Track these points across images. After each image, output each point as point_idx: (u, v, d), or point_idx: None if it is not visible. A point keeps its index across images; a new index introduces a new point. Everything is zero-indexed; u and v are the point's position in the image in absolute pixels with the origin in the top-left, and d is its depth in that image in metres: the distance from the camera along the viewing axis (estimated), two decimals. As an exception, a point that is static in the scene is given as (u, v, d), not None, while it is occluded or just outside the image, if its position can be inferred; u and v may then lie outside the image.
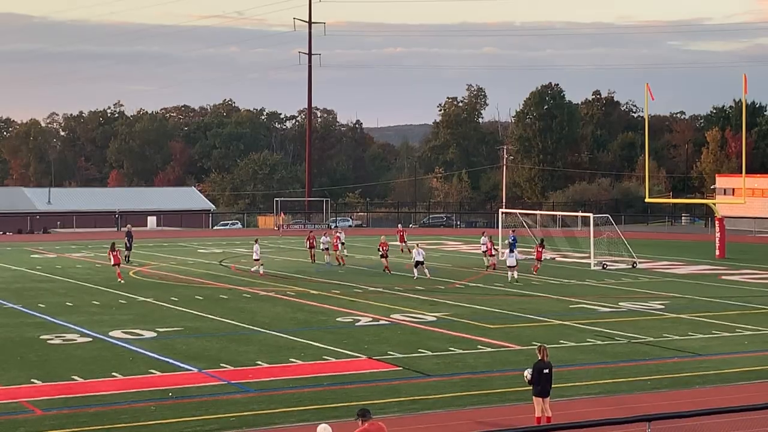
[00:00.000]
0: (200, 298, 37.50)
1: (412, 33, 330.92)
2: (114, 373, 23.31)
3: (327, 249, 51.42)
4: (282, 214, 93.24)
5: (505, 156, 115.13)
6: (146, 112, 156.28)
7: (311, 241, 52.81)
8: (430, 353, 26.12)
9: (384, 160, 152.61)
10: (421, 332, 29.67)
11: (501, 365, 24.69)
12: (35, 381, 22.49)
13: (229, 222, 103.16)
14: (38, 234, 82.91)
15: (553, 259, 54.68)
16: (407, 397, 21.13)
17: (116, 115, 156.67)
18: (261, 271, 45.54)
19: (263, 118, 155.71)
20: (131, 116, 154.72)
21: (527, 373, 18.16)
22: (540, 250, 47.15)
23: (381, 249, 47.45)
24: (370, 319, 32.20)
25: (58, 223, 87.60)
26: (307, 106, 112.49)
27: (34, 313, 33.24)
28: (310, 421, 18.45)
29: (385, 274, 45.78)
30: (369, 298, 37.51)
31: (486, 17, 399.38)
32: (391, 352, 26.11)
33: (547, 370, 18.14)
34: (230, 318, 32.24)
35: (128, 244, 51.85)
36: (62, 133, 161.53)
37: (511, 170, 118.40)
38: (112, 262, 43.34)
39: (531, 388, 18.19)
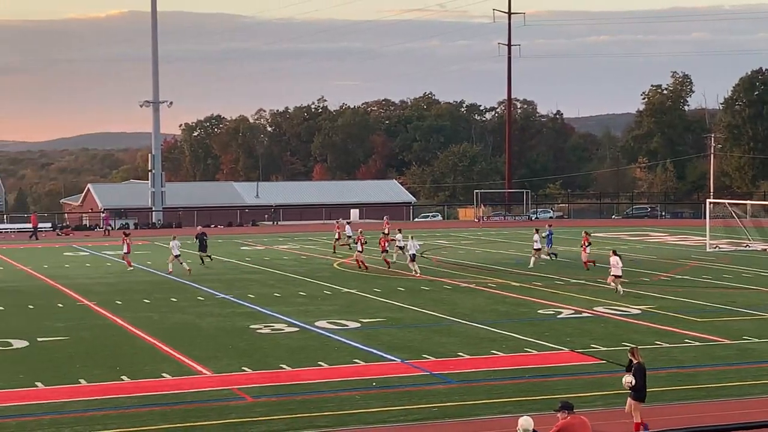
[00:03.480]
0: (402, 289, 37.94)
1: (618, 20, 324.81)
2: (320, 362, 23.89)
3: (401, 248, 47.28)
4: (482, 206, 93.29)
5: (713, 144, 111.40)
6: (348, 106, 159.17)
7: (339, 233, 55.76)
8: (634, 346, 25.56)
9: (585, 151, 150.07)
10: (625, 325, 29.12)
11: (709, 360, 23.95)
12: (246, 369, 23.29)
13: (430, 214, 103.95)
14: (247, 227, 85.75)
15: (747, 246, 53.47)
16: (611, 390, 20.76)
17: (320, 110, 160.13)
18: (170, 268, 43.69)
19: (463, 110, 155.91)
20: (334, 111, 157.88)
21: (631, 379, 17.11)
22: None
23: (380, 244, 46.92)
24: (572, 311, 31.82)
25: (266, 216, 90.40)
26: (506, 98, 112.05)
27: (245, 304, 34.41)
28: (512, 413, 18.40)
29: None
30: (571, 290, 37.06)
31: (695, 2, 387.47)
32: (594, 345, 25.74)
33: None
34: (431, 309, 32.49)
35: (201, 246, 47.85)
36: (269, 129, 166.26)
37: (719, 159, 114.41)
38: (125, 250, 45.76)
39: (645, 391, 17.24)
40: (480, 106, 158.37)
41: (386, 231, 54.47)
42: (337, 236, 55.72)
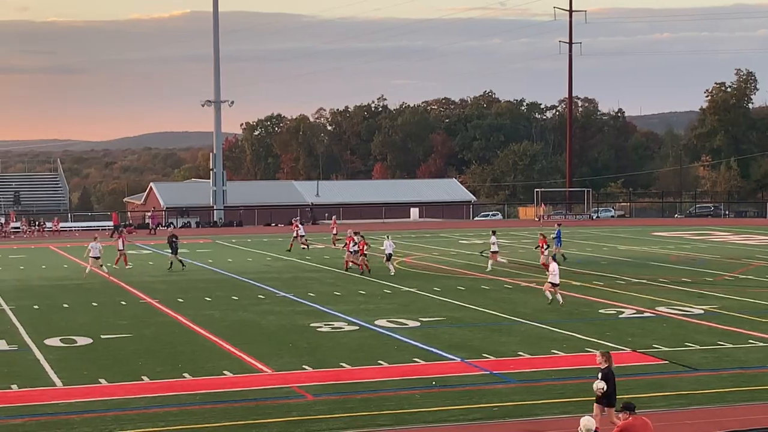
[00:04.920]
0: (462, 288, 37.87)
1: (680, 18, 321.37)
2: (380, 361, 23.93)
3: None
4: (542, 204, 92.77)
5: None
6: (408, 105, 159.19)
7: (296, 231, 55.92)
8: (697, 347, 25.31)
9: (647, 149, 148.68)
10: (688, 325, 28.79)
11: (774, 361, 23.59)
12: (306, 367, 23.39)
13: (490, 213, 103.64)
14: (307, 225, 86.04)
15: None
16: (673, 391, 20.57)
17: (380, 109, 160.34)
18: (106, 270, 43.18)
19: (523, 108, 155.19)
20: (394, 110, 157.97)
21: (602, 385, 16.61)
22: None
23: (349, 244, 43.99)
24: (634, 311, 31.53)
25: (326, 215, 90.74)
26: (567, 96, 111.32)
27: (305, 302, 34.56)
28: (573, 413, 18.28)
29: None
30: (632, 289, 36.72)
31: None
32: (656, 345, 25.49)
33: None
34: (492, 308, 32.40)
35: (172, 248, 45.76)
36: (329, 128, 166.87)
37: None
38: (119, 247, 45.76)
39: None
40: (540, 104, 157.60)
41: (335, 231, 54.26)
42: (295, 234, 55.92)
